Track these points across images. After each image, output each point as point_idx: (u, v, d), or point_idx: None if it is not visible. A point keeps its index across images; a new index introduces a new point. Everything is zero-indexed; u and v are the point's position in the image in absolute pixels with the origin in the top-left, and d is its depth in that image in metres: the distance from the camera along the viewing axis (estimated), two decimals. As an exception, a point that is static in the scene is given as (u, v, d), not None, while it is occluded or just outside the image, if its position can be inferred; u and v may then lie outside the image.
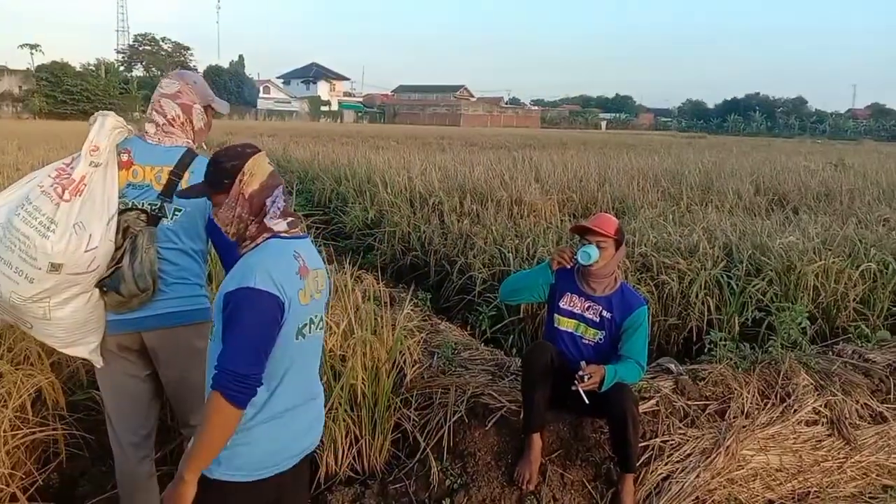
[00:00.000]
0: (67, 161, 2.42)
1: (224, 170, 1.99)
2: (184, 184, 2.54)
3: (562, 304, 3.41)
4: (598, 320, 3.35)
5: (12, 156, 11.99)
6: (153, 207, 2.53)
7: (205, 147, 3.07)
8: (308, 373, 2.08)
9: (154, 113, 2.62)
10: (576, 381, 3.01)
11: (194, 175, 2.54)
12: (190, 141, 2.69)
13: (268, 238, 1.98)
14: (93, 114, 2.53)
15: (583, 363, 3.09)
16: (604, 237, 3.23)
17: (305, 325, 1.98)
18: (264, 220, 1.99)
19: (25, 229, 2.25)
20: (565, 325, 3.40)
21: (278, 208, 2.00)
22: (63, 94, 58.14)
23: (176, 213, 2.56)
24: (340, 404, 3.37)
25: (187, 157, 2.59)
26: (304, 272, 1.96)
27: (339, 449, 3.41)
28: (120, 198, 2.50)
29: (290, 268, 1.93)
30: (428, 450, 3.42)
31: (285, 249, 1.96)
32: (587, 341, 3.36)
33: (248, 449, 1.91)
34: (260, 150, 2.07)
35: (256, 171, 2.00)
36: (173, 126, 2.63)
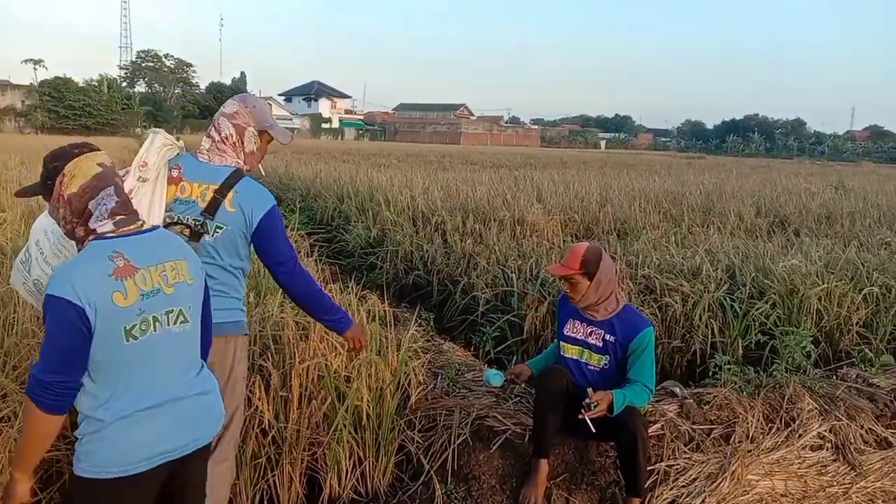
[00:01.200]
0: (120, 174, 2.46)
1: (47, 170, 2.01)
2: (227, 203, 2.61)
3: (566, 332, 3.42)
4: (601, 345, 3.34)
5: (15, 171, 12.01)
6: (196, 223, 2.60)
7: (261, 170, 3.11)
8: (161, 376, 2.00)
9: (212, 129, 2.73)
10: (582, 410, 3.00)
11: (238, 194, 2.62)
12: (240, 162, 2.75)
13: (91, 240, 1.97)
14: (93, 128, 2.59)
15: (589, 390, 3.08)
16: (569, 274, 3.27)
17: (135, 325, 1.91)
18: (88, 222, 1.98)
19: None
20: (570, 352, 3.40)
21: (105, 209, 1.97)
22: (65, 109, 58.49)
23: (217, 230, 2.62)
24: (345, 426, 3.36)
25: (233, 177, 2.65)
26: (125, 271, 1.91)
27: (342, 470, 3.39)
28: (167, 212, 2.60)
29: (102, 270, 1.88)
30: (432, 472, 3.41)
31: (101, 252, 1.92)
32: (592, 367, 3.36)
33: (100, 447, 1.90)
34: (91, 151, 2.04)
35: (77, 173, 1.98)
36: (225, 144, 2.71)
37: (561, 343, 3.43)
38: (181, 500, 2.14)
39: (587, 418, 3.01)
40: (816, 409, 3.94)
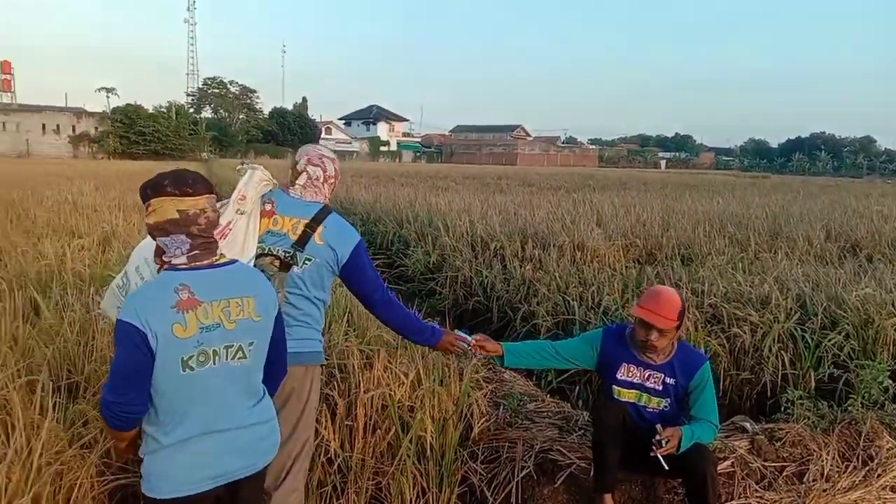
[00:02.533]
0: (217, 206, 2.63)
1: (142, 190, 2.13)
2: (317, 237, 2.76)
3: (619, 376, 3.30)
4: (661, 388, 3.25)
5: (90, 196, 12.60)
6: (286, 255, 2.74)
7: None
8: (218, 405, 2.09)
9: (313, 168, 2.87)
10: (653, 447, 2.95)
11: (327, 229, 2.79)
12: (327, 199, 2.94)
13: (165, 269, 2.09)
14: (162, 153, 2.74)
15: (658, 427, 3.02)
16: (670, 327, 3.11)
17: (193, 356, 1.99)
18: (164, 254, 2.10)
19: None
20: (626, 396, 3.30)
21: (178, 251, 2.07)
22: (136, 135, 60.69)
23: (306, 262, 2.76)
24: (409, 456, 3.38)
25: (322, 213, 2.81)
26: (188, 304, 1.99)
27: (406, 501, 3.40)
28: (259, 243, 2.74)
29: (165, 301, 1.97)
30: (496, 505, 3.39)
31: (168, 283, 2.02)
32: (652, 409, 3.27)
33: (156, 468, 2.03)
34: (184, 192, 2.08)
35: (157, 210, 2.08)
36: (326, 184, 2.91)
37: (614, 387, 3.33)
38: None
39: (659, 455, 2.95)
40: (896, 447, 3.77)
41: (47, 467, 2.55)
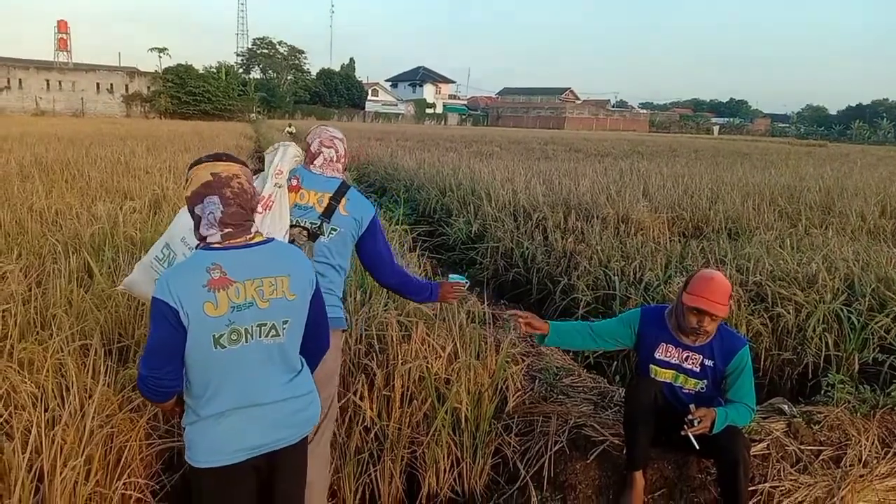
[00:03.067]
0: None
1: (187, 176, 2.22)
2: (341, 208, 3.03)
3: (658, 356, 3.30)
4: (698, 370, 3.25)
5: (143, 159, 12.88)
6: (314, 226, 2.99)
7: None
8: (251, 381, 2.14)
9: (326, 149, 3.13)
10: (685, 426, 2.96)
11: (350, 202, 3.06)
12: (342, 175, 3.19)
13: (200, 247, 2.15)
14: (211, 113, 2.88)
15: (692, 406, 3.03)
16: (721, 315, 3.11)
17: (224, 335, 2.05)
18: (200, 228, 2.15)
19: None
20: (663, 375, 3.30)
21: (212, 217, 2.11)
22: (186, 95, 61.64)
23: (332, 232, 3.02)
24: (444, 426, 3.46)
25: (343, 187, 3.09)
26: (218, 283, 2.03)
27: (440, 470, 3.50)
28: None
29: (197, 280, 2.02)
30: (528, 478, 3.45)
31: (201, 262, 2.07)
32: (688, 391, 3.27)
33: (195, 439, 2.13)
34: (217, 160, 2.17)
35: (193, 180, 2.15)
36: (339, 162, 3.17)
37: (651, 366, 3.34)
38: (276, 493, 2.30)
39: (690, 435, 2.96)
40: (940, 435, 3.70)
41: (99, 430, 2.68)
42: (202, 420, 2.12)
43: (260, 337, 2.13)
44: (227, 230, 2.12)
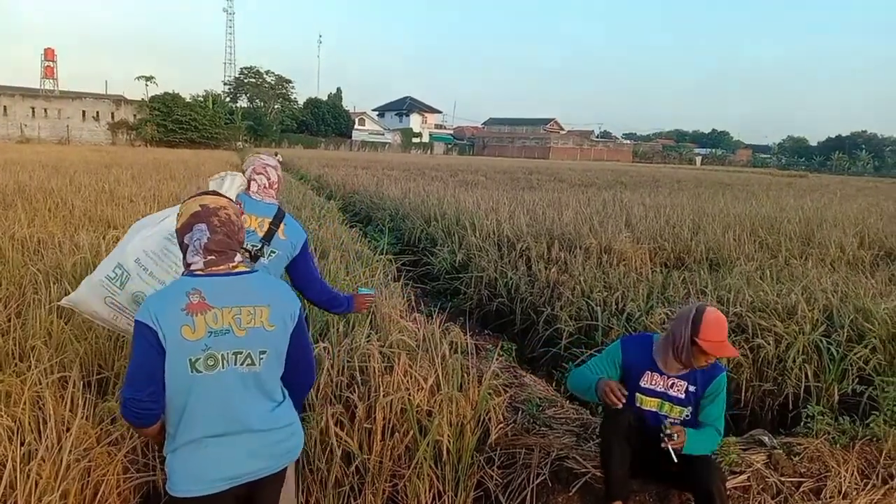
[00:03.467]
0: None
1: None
2: (280, 233, 3.36)
3: (643, 384, 3.31)
4: (683, 397, 3.27)
5: (127, 187, 12.85)
6: (255, 248, 3.25)
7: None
8: (229, 409, 2.16)
9: (258, 175, 3.44)
10: (664, 440, 3.00)
11: (287, 226, 3.41)
12: (276, 201, 3.49)
13: (184, 274, 2.22)
14: (198, 142, 3.20)
15: (667, 422, 3.11)
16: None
17: (200, 359, 2.09)
18: (186, 255, 2.23)
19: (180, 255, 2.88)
20: (648, 404, 3.31)
21: (199, 243, 2.19)
22: (173, 123, 61.53)
23: (271, 254, 3.33)
24: (425, 459, 3.43)
25: (280, 212, 3.42)
26: (196, 308, 2.09)
27: (422, 503, 3.47)
28: None
29: (177, 304, 2.08)
30: (510, 511, 3.43)
31: (182, 287, 2.13)
32: (673, 419, 3.29)
33: (175, 466, 2.16)
34: (206, 195, 2.29)
35: (183, 212, 2.25)
36: (272, 189, 3.48)
37: (636, 395, 3.34)
38: None
39: (670, 447, 2.99)
40: (918, 466, 3.73)
41: (76, 464, 2.65)
42: (181, 448, 2.14)
43: (235, 365, 2.16)
44: (210, 257, 2.19)
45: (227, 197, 2.33)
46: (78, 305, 3.05)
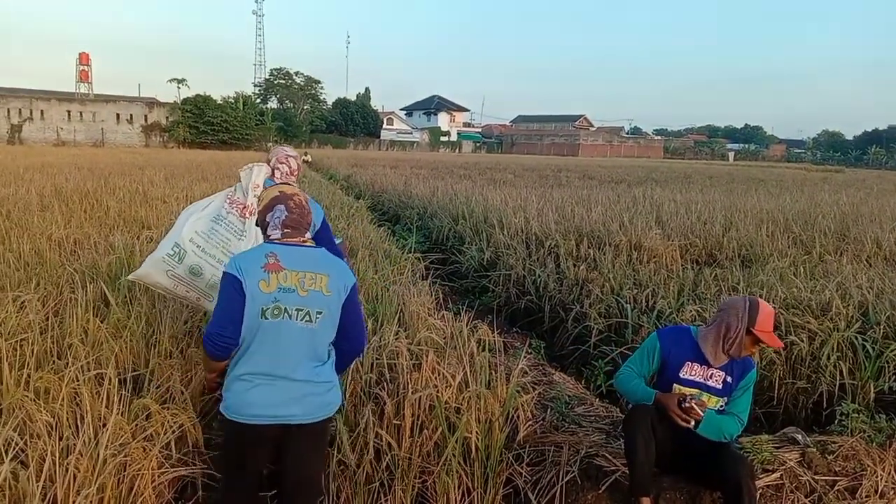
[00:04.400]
0: (230, 193, 3.83)
1: (259, 198, 3.02)
2: None
3: (682, 375, 3.33)
4: (720, 388, 3.29)
5: (160, 188, 13.07)
6: None
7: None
8: (282, 354, 2.57)
9: (281, 164, 3.93)
10: (689, 399, 3.14)
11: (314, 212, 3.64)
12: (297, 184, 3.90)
13: (265, 241, 2.76)
14: (229, 143, 3.75)
15: (685, 392, 3.21)
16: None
17: (269, 309, 2.53)
18: (267, 230, 2.76)
19: (227, 235, 3.70)
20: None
21: (278, 220, 2.73)
22: (204, 125, 62.33)
23: None
24: (454, 456, 3.44)
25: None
26: (272, 268, 2.57)
27: (451, 500, 3.47)
28: None
29: (257, 262, 2.57)
30: (539, 508, 3.43)
31: (262, 250, 2.65)
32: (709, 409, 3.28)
33: (228, 394, 2.59)
34: (282, 185, 2.98)
35: (265, 197, 2.84)
36: (293, 175, 3.94)
37: (675, 385, 3.35)
38: (287, 464, 2.65)
39: (694, 407, 3.09)
40: (958, 465, 3.64)
41: (112, 459, 2.72)
42: (235, 379, 2.56)
43: (297, 320, 2.57)
44: (286, 230, 2.71)
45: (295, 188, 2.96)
46: (143, 279, 3.65)
